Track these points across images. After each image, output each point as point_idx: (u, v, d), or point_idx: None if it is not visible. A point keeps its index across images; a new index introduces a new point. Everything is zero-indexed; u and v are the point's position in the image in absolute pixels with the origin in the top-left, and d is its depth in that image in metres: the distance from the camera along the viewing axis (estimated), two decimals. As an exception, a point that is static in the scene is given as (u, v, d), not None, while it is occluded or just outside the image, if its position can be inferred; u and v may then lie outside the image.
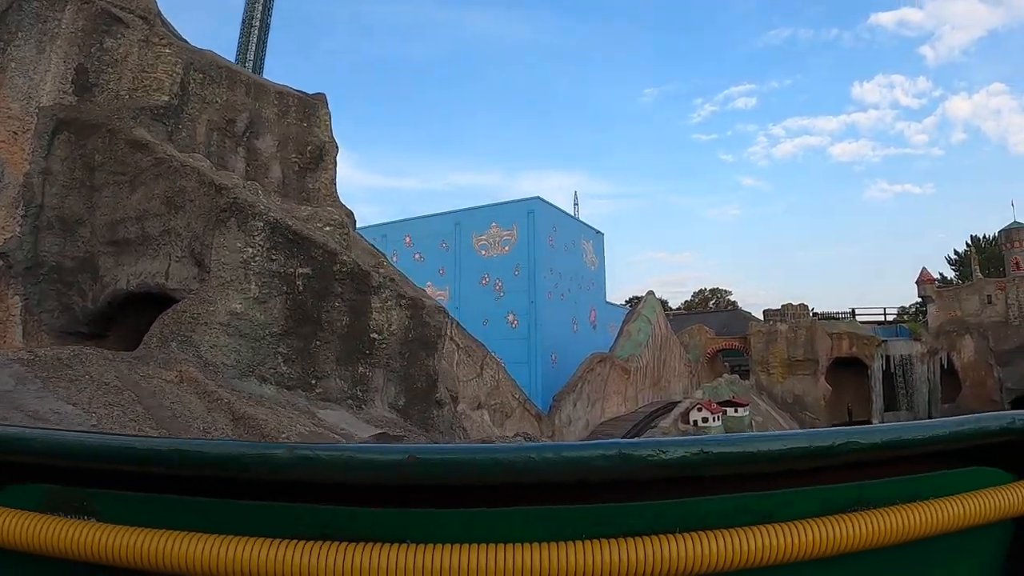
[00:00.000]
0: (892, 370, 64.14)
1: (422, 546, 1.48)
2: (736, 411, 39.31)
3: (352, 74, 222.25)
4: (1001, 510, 1.78)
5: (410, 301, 14.56)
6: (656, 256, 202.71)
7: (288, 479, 1.60)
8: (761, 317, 68.70)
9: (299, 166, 17.52)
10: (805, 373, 61.18)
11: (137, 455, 1.70)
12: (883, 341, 64.82)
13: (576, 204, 60.48)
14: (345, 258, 13.54)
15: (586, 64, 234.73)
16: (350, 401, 13.30)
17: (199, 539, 1.54)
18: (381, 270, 14.26)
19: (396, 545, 1.49)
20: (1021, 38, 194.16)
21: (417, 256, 52.03)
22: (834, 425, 60.51)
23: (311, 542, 1.51)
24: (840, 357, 63.04)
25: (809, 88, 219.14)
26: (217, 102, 16.43)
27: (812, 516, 1.63)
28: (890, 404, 63.80)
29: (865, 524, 1.62)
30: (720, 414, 36.12)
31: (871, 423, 56.30)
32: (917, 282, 69.22)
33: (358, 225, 18.55)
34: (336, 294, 13.32)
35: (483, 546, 1.49)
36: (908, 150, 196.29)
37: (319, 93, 18.77)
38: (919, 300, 73.50)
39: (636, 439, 1.74)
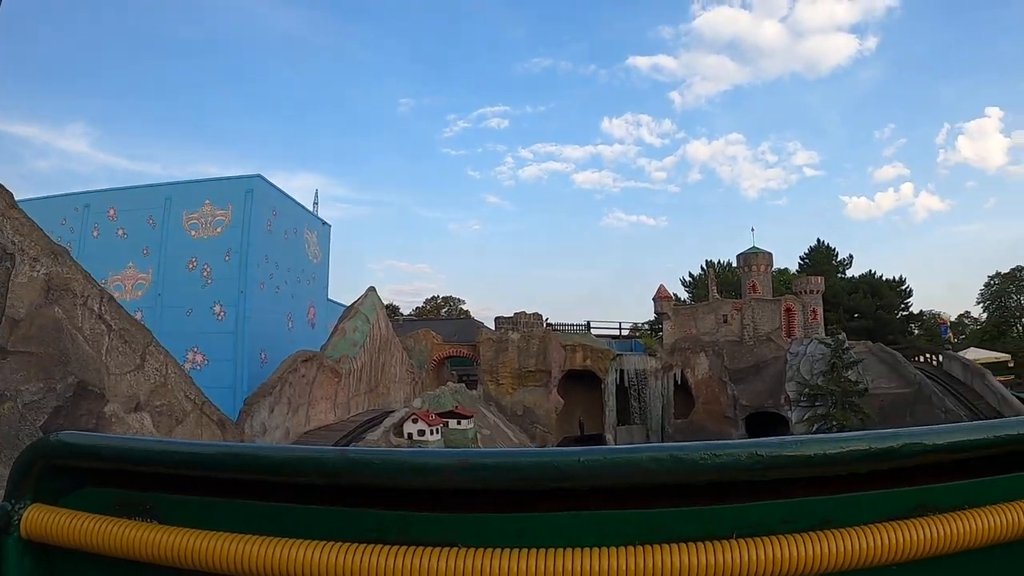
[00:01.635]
0: (626, 384, 62.41)
1: (472, 550, 1.51)
2: (459, 423, 34.84)
3: (99, 45, 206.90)
4: None
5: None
6: (395, 265, 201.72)
7: (341, 483, 1.65)
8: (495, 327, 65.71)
9: None
10: (537, 384, 57.59)
11: (197, 460, 1.78)
12: (618, 355, 62.88)
13: (316, 204, 56.33)
14: None
15: (344, 66, 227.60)
16: None
17: (256, 541, 1.60)
18: None
19: (447, 549, 1.52)
20: (762, 96, 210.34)
21: (120, 232, 44.65)
22: (565, 439, 58.52)
23: (364, 545, 1.55)
24: (573, 369, 60.49)
25: (561, 117, 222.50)
26: None
27: (872, 521, 1.58)
28: (623, 418, 62.20)
29: (928, 530, 1.57)
30: (440, 426, 31.25)
31: (604, 437, 54.38)
32: (654, 298, 68.17)
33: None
34: None
35: (533, 551, 1.50)
36: (647, 184, 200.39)
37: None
38: (655, 316, 72.42)
39: (688, 443, 1.62)
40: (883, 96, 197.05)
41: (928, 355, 58.76)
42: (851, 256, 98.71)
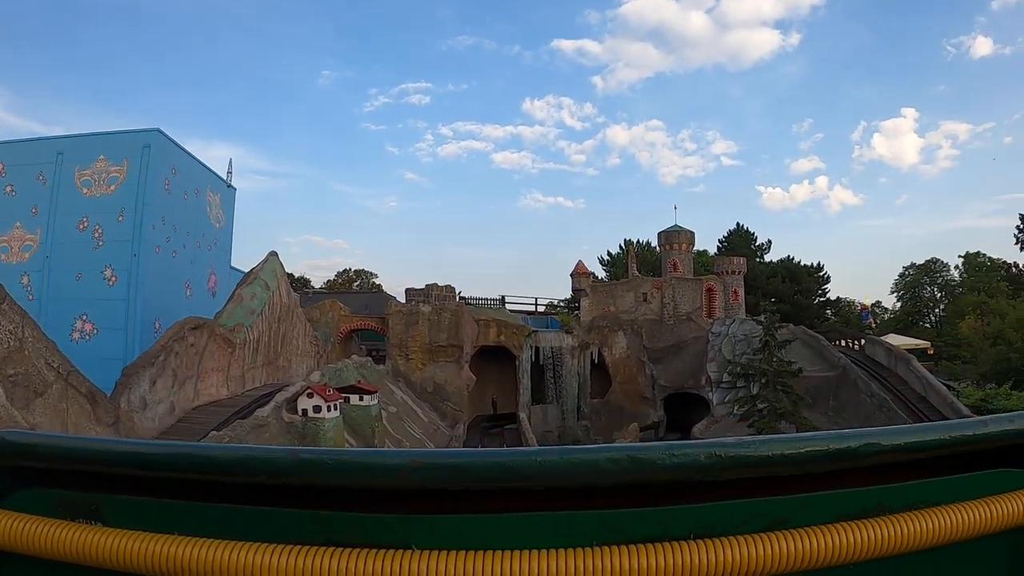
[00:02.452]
0: (541, 362, 59.94)
1: (426, 552, 1.49)
2: (362, 399, 31.82)
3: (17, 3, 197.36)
4: None
5: None
6: (312, 239, 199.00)
7: (291, 484, 1.63)
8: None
9: None
10: (448, 360, 54.78)
11: (144, 460, 1.74)
12: (533, 331, 60.37)
13: (230, 172, 53.48)
14: None
15: (265, 35, 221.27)
16: None
17: (203, 544, 1.57)
18: None
19: (399, 551, 1.50)
20: (684, 85, 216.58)
21: (9, 188, 41.41)
22: (477, 418, 56.48)
23: (315, 547, 1.53)
24: (487, 346, 57.83)
25: (483, 96, 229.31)
26: None
27: (830, 521, 1.61)
28: (538, 397, 59.97)
29: (885, 530, 1.59)
30: (339, 402, 27.93)
31: (518, 416, 52.45)
32: (572, 274, 66.17)
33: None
34: None
35: (488, 553, 1.49)
36: (565, 167, 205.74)
37: None
38: (573, 293, 70.52)
39: (644, 443, 1.68)
40: (803, 91, 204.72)
41: (851, 340, 57.62)
42: (769, 241, 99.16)
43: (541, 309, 72.65)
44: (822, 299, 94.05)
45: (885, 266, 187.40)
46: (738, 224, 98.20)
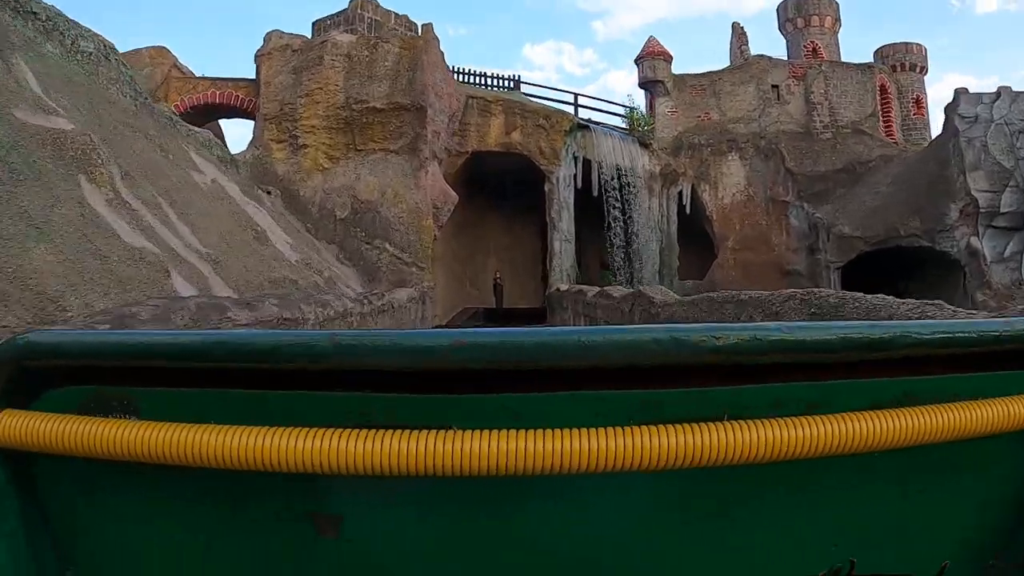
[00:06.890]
0: (597, 192, 29.72)
1: (467, 432, 1.49)
2: None
3: None
4: None
5: None
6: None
7: (330, 368, 1.59)
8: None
9: None
10: (391, 148, 23.39)
11: (178, 351, 1.68)
12: (580, 124, 30.93)
13: None
14: None
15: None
16: None
17: (240, 431, 1.56)
18: None
19: (439, 431, 1.51)
20: (686, 28, 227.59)
21: None
22: (464, 311, 27.59)
23: (351, 429, 1.52)
24: (488, 154, 27.70)
25: (484, 41, 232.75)
26: None
27: (859, 409, 1.62)
28: (587, 268, 30.59)
29: (911, 420, 1.62)
30: None
31: (549, 298, 22.97)
32: (638, 59, 36.79)
33: None
34: None
35: (531, 431, 1.50)
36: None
37: None
38: (642, 88, 38.46)
39: (689, 324, 1.66)
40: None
41: None
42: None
43: (586, 113, 38.31)
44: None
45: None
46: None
